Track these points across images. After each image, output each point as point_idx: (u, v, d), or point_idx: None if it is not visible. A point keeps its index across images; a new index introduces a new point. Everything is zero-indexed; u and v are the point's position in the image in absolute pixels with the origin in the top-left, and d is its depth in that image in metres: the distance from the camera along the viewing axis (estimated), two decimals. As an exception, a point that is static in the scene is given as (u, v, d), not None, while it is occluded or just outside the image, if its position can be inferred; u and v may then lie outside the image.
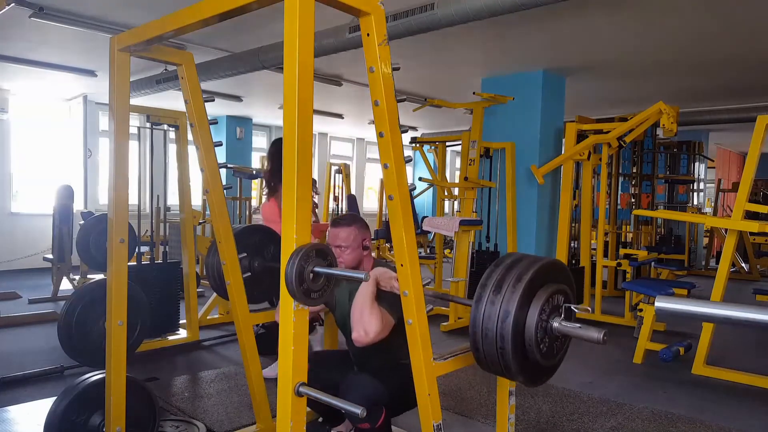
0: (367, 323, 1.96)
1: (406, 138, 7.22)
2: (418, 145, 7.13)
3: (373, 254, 2.49)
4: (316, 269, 1.34)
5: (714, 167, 12.28)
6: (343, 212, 9.00)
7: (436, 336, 4.66)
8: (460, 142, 6.48)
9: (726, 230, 4.72)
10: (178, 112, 4.38)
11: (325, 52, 4.63)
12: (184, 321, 4.51)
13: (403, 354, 1.78)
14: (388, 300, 2.03)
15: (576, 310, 1.58)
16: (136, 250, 4.56)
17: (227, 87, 7.47)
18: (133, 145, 2.40)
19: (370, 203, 12.54)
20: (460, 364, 1.81)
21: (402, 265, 1.66)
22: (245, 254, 2.54)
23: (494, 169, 6.14)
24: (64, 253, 5.90)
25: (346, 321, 2.29)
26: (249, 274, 2.53)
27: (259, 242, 2.64)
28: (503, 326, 1.48)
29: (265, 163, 5.15)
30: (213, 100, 3.08)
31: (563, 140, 6.08)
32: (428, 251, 10.02)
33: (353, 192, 9.23)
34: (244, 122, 10.10)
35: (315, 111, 1.39)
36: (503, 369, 1.54)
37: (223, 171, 4.35)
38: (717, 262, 5.40)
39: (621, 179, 7.44)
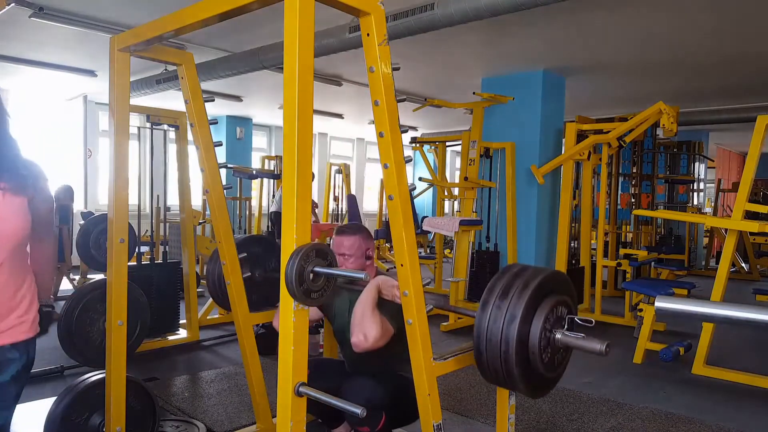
0: (367, 328, 1.96)
1: (406, 138, 7.22)
2: (418, 145, 7.13)
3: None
4: (316, 269, 1.33)
5: (714, 167, 12.28)
6: (343, 212, 9.01)
7: (436, 336, 4.66)
8: (460, 142, 6.48)
9: (726, 230, 4.72)
10: (178, 112, 4.38)
11: (325, 52, 4.63)
12: (184, 321, 4.51)
13: (401, 365, 1.77)
14: (388, 309, 2.03)
15: (579, 322, 1.60)
16: (136, 250, 4.56)
17: (227, 87, 7.47)
18: (133, 145, 2.41)
19: (370, 203, 12.54)
20: (460, 364, 1.81)
21: (402, 265, 1.66)
22: (245, 254, 2.55)
23: (494, 169, 6.13)
24: (64, 253, 5.90)
25: (345, 330, 2.29)
26: (249, 274, 2.54)
27: (261, 253, 2.66)
28: (508, 330, 1.49)
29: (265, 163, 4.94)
30: (213, 100, 3.09)
31: (563, 140, 6.08)
32: (428, 251, 10.02)
33: (353, 192, 9.24)
34: (244, 122, 10.10)
35: (315, 111, 1.39)
36: (505, 377, 1.54)
37: (223, 171, 4.35)
38: (717, 262, 5.39)
39: (621, 179, 7.44)
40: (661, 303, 1.23)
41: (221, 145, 2.77)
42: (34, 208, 1.65)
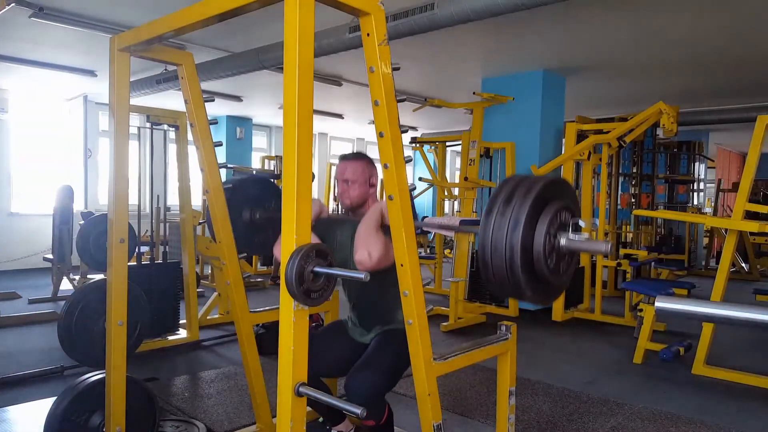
0: (372, 245, 1.95)
1: (406, 138, 7.22)
2: (418, 145, 7.13)
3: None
4: (317, 269, 1.33)
5: (714, 167, 12.28)
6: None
7: (436, 336, 4.65)
8: (460, 142, 6.48)
9: (726, 230, 4.72)
10: (178, 112, 4.38)
11: (325, 52, 4.63)
12: (184, 321, 4.51)
13: (398, 299, 1.73)
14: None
15: (582, 224, 1.56)
16: (136, 250, 4.56)
17: (227, 87, 7.47)
18: (133, 145, 2.40)
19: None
20: (460, 364, 1.81)
21: (402, 265, 1.66)
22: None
23: (494, 169, 6.13)
24: (64, 253, 5.90)
25: (347, 261, 2.25)
26: (249, 218, 2.58)
27: (259, 194, 2.63)
28: (513, 236, 1.46)
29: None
30: (213, 100, 3.08)
31: (563, 140, 6.08)
32: (428, 251, 10.02)
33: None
34: (244, 122, 10.10)
35: (315, 111, 1.39)
36: (512, 285, 1.51)
37: (223, 171, 4.35)
38: (717, 262, 5.40)
39: (621, 179, 7.44)
40: (661, 303, 1.23)
41: (221, 145, 2.76)
42: None
